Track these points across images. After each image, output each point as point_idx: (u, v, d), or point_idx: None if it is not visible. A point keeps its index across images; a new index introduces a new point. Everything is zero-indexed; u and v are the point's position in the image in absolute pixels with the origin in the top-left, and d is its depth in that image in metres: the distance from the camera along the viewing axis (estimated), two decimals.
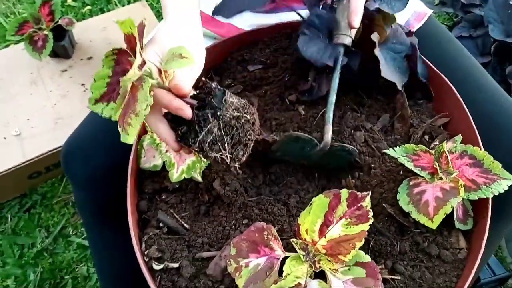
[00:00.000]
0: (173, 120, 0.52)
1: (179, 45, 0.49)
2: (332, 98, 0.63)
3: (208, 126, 0.49)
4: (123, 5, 1.77)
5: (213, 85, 0.51)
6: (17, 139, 1.23)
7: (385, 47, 0.68)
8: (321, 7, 0.68)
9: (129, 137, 0.47)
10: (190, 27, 0.59)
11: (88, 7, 1.79)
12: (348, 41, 0.66)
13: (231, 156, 0.52)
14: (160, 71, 0.50)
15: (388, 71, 0.66)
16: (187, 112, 0.49)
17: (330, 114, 0.63)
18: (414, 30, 0.85)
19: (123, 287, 0.79)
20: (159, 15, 1.67)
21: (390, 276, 0.59)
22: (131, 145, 0.65)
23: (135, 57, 0.47)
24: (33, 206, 1.31)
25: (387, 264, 0.60)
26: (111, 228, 0.77)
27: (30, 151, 1.21)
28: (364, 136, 0.70)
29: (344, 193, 0.56)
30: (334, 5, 0.67)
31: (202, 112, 0.50)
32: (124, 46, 0.49)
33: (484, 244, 0.58)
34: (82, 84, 1.35)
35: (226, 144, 0.51)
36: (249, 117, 0.52)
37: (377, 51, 0.66)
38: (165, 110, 0.54)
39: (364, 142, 0.70)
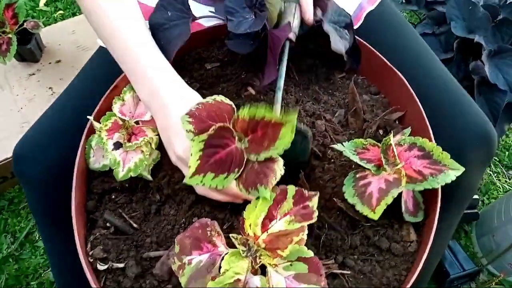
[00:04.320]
0: None
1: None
2: (280, 83, 0.63)
3: None
4: None
5: None
6: None
7: (327, 21, 0.70)
8: None
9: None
10: (181, 84, 0.63)
11: (61, 11, 1.78)
12: (293, 36, 0.67)
13: None
14: None
15: (338, 43, 0.69)
16: None
17: (278, 95, 0.62)
18: (366, 12, 0.85)
19: (79, 285, 0.78)
20: None
21: (340, 271, 0.59)
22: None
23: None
24: (0, 212, 1.29)
25: (338, 258, 0.60)
26: (64, 227, 0.76)
27: None
28: (325, 125, 0.70)
29: (291, 189, 0.55)
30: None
31: None
32: (92, 49, 0.50)
33: (432, 237, 0.58)
34: (50, 88, 1.33)
35: None
36: None
37: (325, 26, 0.69)
38: None
39: (324, 131, 0.69)
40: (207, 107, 0.59)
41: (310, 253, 0.50)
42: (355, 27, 0.83)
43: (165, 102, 0.59)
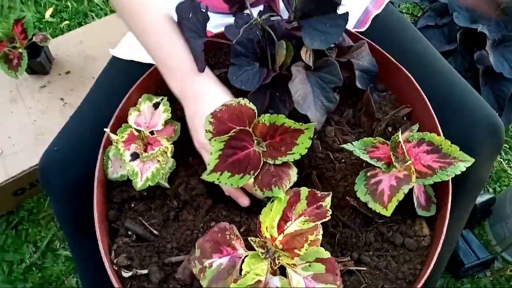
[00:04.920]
0: None
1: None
2: None
3: None
4: (100, 18, 1.78)
5: None
6: None
7: (315, 74, 0.66)
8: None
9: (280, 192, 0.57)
10: (213, 76, 0.68)
11: (66, 22, 1.80)
12: None
13: None
14: None
15: (305, 105, 0.64)
16: None
17: None
18: (373, 16, 0.87)
19: None
20: None
21: (356, 268, 0.60)
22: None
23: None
24: (20, 223, 1.32)
25: (353, 256, 0.62)
26: (91, 237, 0.78)
27: (13, 168, 1.22)
28: (334, 130, 0.71)
29: (304, 191, 0.57)
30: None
31: None
32: (100, 58, 0.52)
33: (445, 230, 0.60)
34: (61, 99, 1.35)
35: None
36: None
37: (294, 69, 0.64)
38: None
39: (333, 133, 0.71)
40: (230, 109, 0.61)
41: (327, 254, 0.52)
42: (362, 30, 0.85)
43: (197, 92, 0.65)
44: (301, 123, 0.59)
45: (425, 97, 0.71)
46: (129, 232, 0.64)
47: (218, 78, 0.81)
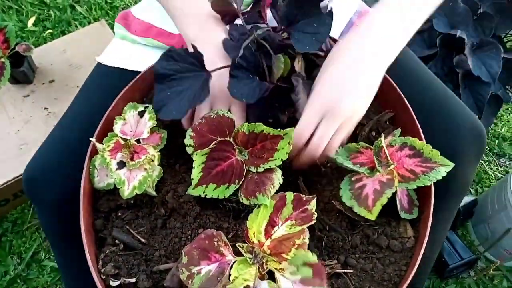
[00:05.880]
0: None
1: None
2: None
3: None
4: (84, 26, 1.77)
5: None
6: None
7: (308, 84, 0.66)
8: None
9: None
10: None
11: (49, 30, 1.79)
12: None
13: None
14: None
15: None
16: None
17: None
18: None
19: None
20: None
21: (343, 270, 0.61)
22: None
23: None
24: (4, 234, 1.30)
25: (340, 258, 0.62)
26: (78, 247, 0.78)
27: None
28: None
29: (290, 195, 0.58)
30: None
31: None
32: (84, 66, 0.52)
33: (428, 231, 0.61)
34: (45, 108, 1.34)
35: None
36: None
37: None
38: None
39: None
40: (209, 121, 0.62)
41: (315, 258, 0.53)
42: None
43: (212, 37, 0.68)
44: (279, 129, 0.60)
45: (406, 102, 0.73)
46: (117, 241, 0.64)
47: None
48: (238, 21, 0.72)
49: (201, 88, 0.63)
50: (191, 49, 0.65)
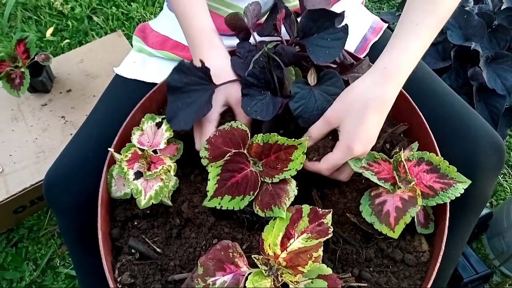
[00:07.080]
0: None
1: None
2: None
3: None
4: (100, 37, 1.81)
5: None
6: (0, 176, 1.25)
7: (318, 88, 0.67)
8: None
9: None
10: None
11: (67, 40, 1.83)
12: None
13: None
14: None
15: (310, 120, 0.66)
16: None
17: None
18: (371, 43, 0.89)
19: None
20: None
21: (357, 284, 0.61)
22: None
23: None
24: (20, 240, 1.32)
25: (354, 272, 0.62)
26: (94, 254, 0.79)
27: (14, 186, 1.23)
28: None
29: (306, 208, 0.58)
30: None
31: None
32: (101, 76, 0.53)
33: (443, 246, 0.61)
34: (62, 117, 1.37)
35: None
36: None
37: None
38: None
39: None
40: (223, 133, 0.63)
41: (329, 271, 0.53)
42: (361, 56, 0.87)
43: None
44: (293, 139, 0.60)
45: (421, 114, 0.73)
46: (133, 250, 0.65)
47: None
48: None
49: (208, 101, 0.65)
50: (197, 63, 0.66)
